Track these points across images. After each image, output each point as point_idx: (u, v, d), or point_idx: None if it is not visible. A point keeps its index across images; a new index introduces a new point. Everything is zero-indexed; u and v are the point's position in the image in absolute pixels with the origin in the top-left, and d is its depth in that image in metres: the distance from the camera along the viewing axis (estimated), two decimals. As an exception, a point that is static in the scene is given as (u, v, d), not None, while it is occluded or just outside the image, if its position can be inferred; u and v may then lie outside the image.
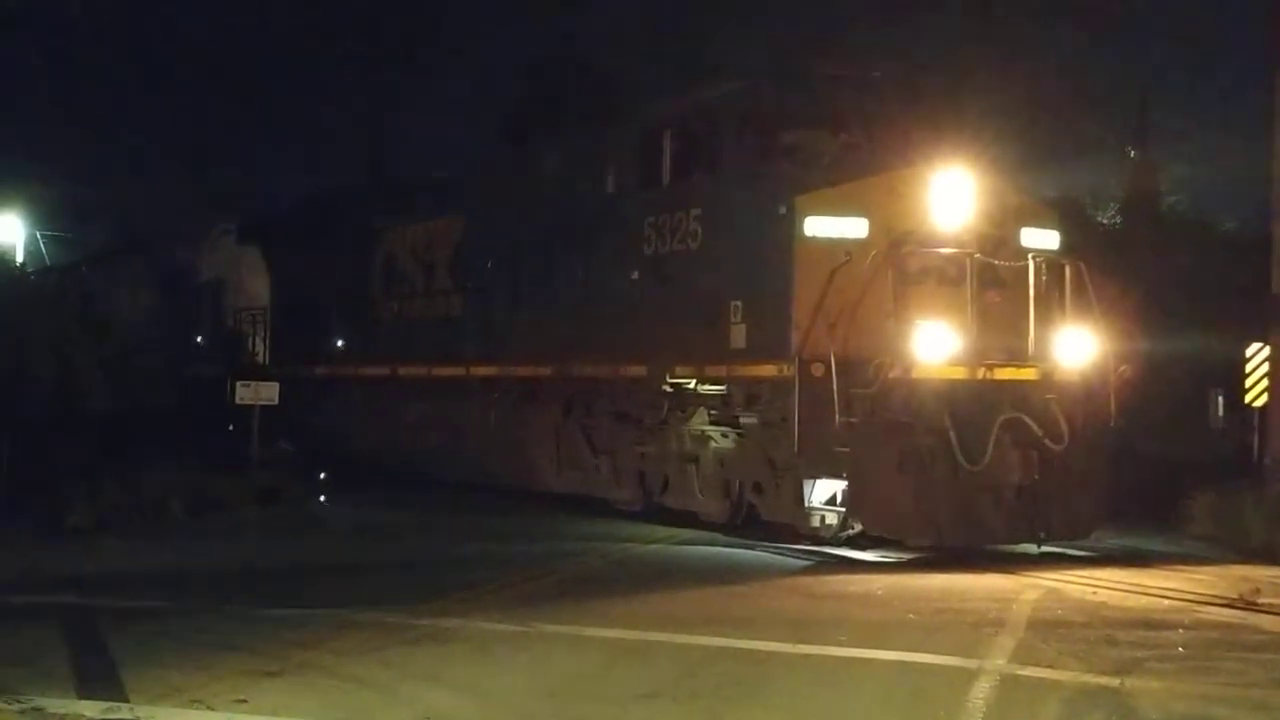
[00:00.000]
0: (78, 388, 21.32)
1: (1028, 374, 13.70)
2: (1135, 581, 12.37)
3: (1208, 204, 28.95)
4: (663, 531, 15.39)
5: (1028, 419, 13.31)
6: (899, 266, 13.44)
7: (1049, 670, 8.81)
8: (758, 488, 14.67)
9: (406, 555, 14.23)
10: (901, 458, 12.91)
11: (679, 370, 15.18)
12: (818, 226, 13.73)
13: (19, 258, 34.14)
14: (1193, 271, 25.22)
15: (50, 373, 20.84)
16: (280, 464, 19.86)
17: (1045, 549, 13.70)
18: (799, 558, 13.72)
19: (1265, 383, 17.16)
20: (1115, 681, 8.52)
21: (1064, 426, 13.43)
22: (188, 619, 10.27)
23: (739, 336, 14.33)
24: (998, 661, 9.03)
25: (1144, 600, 11.57)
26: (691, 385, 15.18)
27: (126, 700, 7.78)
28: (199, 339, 27.82)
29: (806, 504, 13.98)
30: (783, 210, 13.89)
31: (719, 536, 14.90)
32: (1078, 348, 13.95)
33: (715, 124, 14.95)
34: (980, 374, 13.41)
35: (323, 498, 17.78)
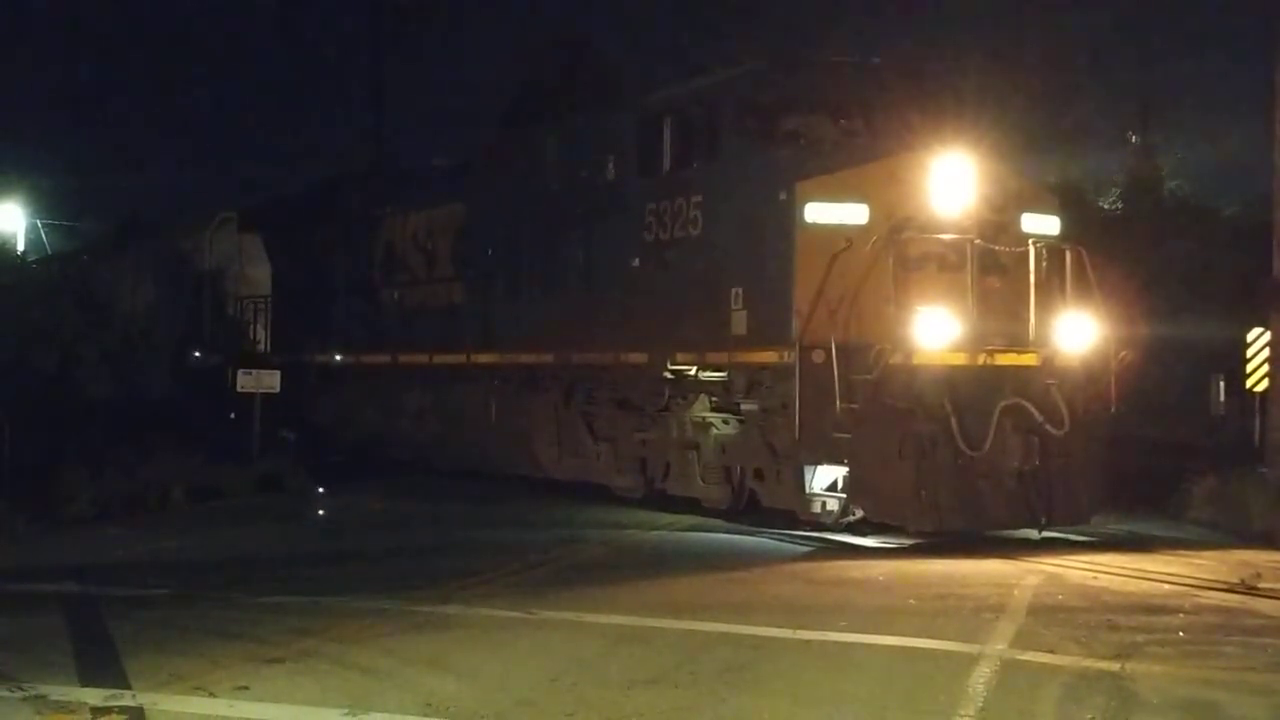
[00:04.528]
0: (79, 376, 21.32)
1: (1028, 359, 13.70)
2: (1136, 566, 12.38)
3: (1209, 188, 28.97)
4: (664, 518, 15.41)
5: (1028, 404, 13.31)
6: (899, 252, 13.43)
7: (1049, 655, 8.82)
8: (759, 474, 14.68)
9: (407, 543, 14.25)
10: (902, 444, 12.91)
11: (680, 357, 15.18)
12: (818, 212, 13.72)
13: (20, 246, 34.15)
14: (1194, 256, 25.22)
15: (51, 362, 20.85)
16: (281, 452, 19.89)
17: (1046, 534, 13.70)
18: (800, 544, 13.73)
19: (1266, 367, 17.16)
20: (1116, 666, 8.54)
21: (1064, 412, 13.42)
22: (189, 607, 10.29)
23: (740, 323, 14.33)
24: (998, 646, 9.05)
25: (1144, 585, 11.57)
26: (692, 372, 15.18)
27: (129, 687, 7.80)
28: (200, 327, 27.82)
29: (807, 490, 14.00)
30: (783, 196, 13.89)
31: (720, 523, 14.91)
32: (1078, 333, 13.94)
33: (715, 110, 14.93)
34: (981, 359, 13.40)
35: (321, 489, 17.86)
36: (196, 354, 27.13)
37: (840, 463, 13.55)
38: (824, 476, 13.93)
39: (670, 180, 15.42)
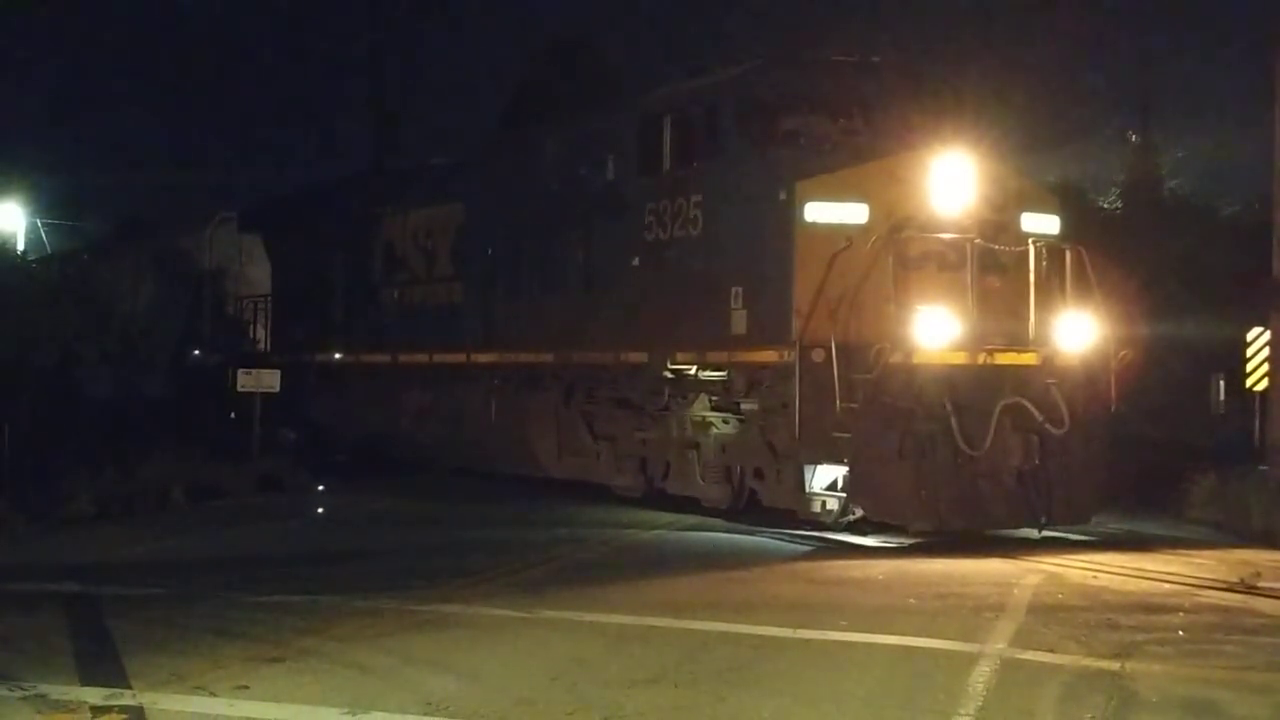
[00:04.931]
0: (79, 376, 21.34)
1: (1028, 359, 13.70)
2: (1136, 565, 12.38)
3: (1209, 188, 28.95)
4: (664, 518, 15.40)
5: (1028, 404, 13.31)
6: (899, 252, 13.43)
7: (1049, 654, 8.82)
8: (759, 473, 14.68)
9: (407, 542, 14.23)
10: (902, 443, 12.91)
11: (680, 356, 15.19)
12: (818, 212, 13.73)
13: (20, 246, 34.13)
14: (1194, 256, 25.18)
15: (51, 361, 20.86)
16: (281, 451, 19.90)
17: (1046, 533, 13.70)
18: (800, 543, 13.73)
19: (1266, 367, 17.15)
20: (1115, 665, 8.54)
21: (1064, 411, 13.42)
22: (189, 606, 10.28)
23: (740, 322, 14.34)
24: (998, 646, 9.05)
25: (1144, 584, 11.57)
26: (692, 371, 15.19)
27: (129, 687, 7.80)
28: (200, 327, 27.85)
29: (807, 489, 14.00)
30: (783, 196, 13.89)
31: (720, 522, 14.91)
32: (1078, 332, 13.94)
33: (715, 110, 14.93)
34: (981, 359, 13.40)
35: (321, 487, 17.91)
36: (196, 354, 27.16)
37: (840, 462, 13.55)
38: (824, 476, 13.93)
39: (670, 180, 15.42)
